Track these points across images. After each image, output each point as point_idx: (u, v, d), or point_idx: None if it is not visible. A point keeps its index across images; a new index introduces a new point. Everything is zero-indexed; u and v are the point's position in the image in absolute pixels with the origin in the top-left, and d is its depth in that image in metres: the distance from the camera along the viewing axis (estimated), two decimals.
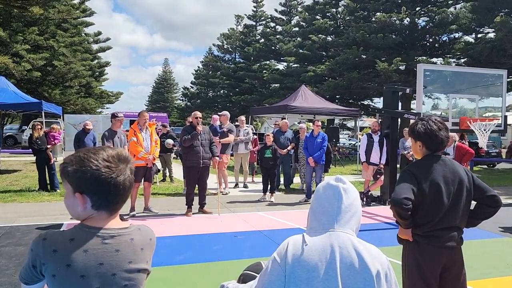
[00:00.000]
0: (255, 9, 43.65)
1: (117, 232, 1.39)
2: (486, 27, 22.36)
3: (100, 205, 1.37)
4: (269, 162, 9.35)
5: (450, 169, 2.67)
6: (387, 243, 5.86)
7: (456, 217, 2.66)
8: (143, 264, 1.44)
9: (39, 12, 21.99)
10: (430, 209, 2.62)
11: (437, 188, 2.61)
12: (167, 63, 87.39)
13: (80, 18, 30.70)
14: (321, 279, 1.44)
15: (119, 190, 1.37)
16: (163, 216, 7.69)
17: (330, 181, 1.61)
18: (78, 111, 28.30)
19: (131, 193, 1.43)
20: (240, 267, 4.99)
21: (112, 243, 1.37)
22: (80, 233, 1.35)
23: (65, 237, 1.33)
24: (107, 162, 1.35)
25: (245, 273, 1.98)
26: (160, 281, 4.47)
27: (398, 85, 10.20)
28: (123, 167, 1.38)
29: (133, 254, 1.40)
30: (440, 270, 2.66)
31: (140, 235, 1.46)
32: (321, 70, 26.98)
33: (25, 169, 14.39)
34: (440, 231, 2.64)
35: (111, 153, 1.39)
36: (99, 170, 1.33)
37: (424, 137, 2.67)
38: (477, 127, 8.18)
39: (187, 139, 7.60)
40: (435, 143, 2.67)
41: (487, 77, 9.32)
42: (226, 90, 44.37)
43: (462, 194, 2.66)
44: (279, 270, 1.48)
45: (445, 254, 2.64)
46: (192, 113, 8.07)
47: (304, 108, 15.25)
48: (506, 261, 5.45)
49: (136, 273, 1.41)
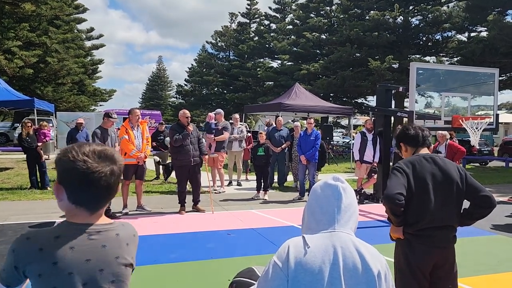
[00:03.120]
0: (249, 7, 43.58)
1: (103, 227, 1.39)
2: (478, 26, 22.50)
3: (76, 200, 1.34)
4: (262, 160, 9.36)
5: (440, 167, 2.69)
6: (380, 241, 5.88)
7: (447, 215, 2.67)
8: (129, 259, 1.44)
9: (31, 9, 21.82)
10: (418, 205, 2.63)
11: (423, 183, 2.63)
12: (161, 60, 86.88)
13: (73, 15, 30.47)
14: (325, 282, 1.40)
15: (91, 187, 1.32)
16: (156, 214, 7.66)
17: (328, 180, 1.57)
18: (71, 109, 28.10)
19: (112, 193, 1.39)
20: (233, 265, 5.01)
21: (98, 239, 1.36)
22: (66, 230, 1.34)
23: (50, 235, 1.31)
24: (85, 156, 1.32)
25: (238, 280, 1.91)
26: (153, 279, 4.46)
27: (391, 84, 10.24)
28: (101, 165, 1.34)
29: (119, 249, 1.41)
30: (432, 268, 2.67)
31: (124, 230, 1.47)
32: (315, 68, 27.00)
33: (17, 167, 14.27)
34: (431, 230, 2.65)
35: (95, 149, 1.36)
36: (74, 162, 1.31)
37: (404, 138, 2.94)
38: (469, 125, 8.24)
39: (178, 139, 7.52)
40: (416, 140, 2.88)
41: (480, 75, 9.38)
42: (220, 87, 44.28)
43: (452, 193, 2.66)
44: (281, 275, 1.42)
45: (436, 253, 2.65)
46: (181, 111, 7.96)
47: (298, 106, 15.27)
48: (498, 258, 5.49)
49: (123, 268, 1.41)
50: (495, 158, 20.48)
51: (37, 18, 26.28)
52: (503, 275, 4.84)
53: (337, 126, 35.30)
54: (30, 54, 24.03)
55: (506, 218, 8.04)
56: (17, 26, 24.60)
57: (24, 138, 9.75)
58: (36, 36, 25.77)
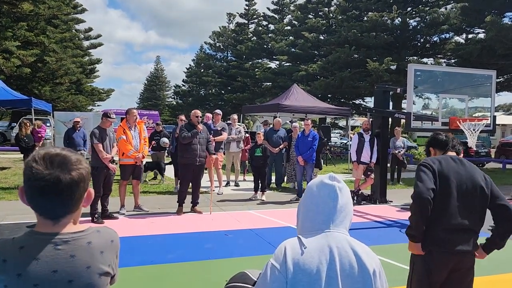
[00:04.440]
0: (247, 7, 43.60)
1: (71, 236, 1.30)
2: (476, 27, 22.57)
3: (33, 207, 1.28)
4: (260, 161, 9.36)
5: (467, 169, 2.70)
6: (377, 242, 5.90)
7: (468, 217, 2.63)
8: (105, 267, 1.34)
9: (29, 8, 21.77)
10: (440, 201, 2.60)
11: (447, 181, 2.63)
12: (159, 60, 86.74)
13: (71, 15, 30.42)
14: (323, 282, 1.41)
15: (40, 194, 1.25)
16: (153, 215, 7.65)
17: (324, 179, 1.55)
18: (68, 109, 28.02)
19: (71, 202, 1.30)
20: (230, 266, 5.00)
21: (65, 249, 1.28)
22: (30, 240, 1.27)
23: (14, 245, 1.26)
24: (34, 162, 1.26)
25: (233, 285, 1.89)
26: (150, 279, 4.46)
27: (389, 85, 10.26)
28: (47, 172, 1.25)
29: (91, 258, 1.31)
30: (448, 272, 2.64)
31: (99, 237, 1.37)
32: (313, 69, 27.04)
33: (14, 166, 14.24)
34: (451, 232, 2.60)
35: (50, 154, 1.28)
36: (26, 167, 1.27)
37: (433, 143, 3.13)
38: (467, 127, 8.26)
39: (187, 137, 7.53)
40: (440, 142, 3.07)
41: (477, 77, 9.40)
42: (218, 88, 44.29)
43: (476, 195, 2.64)
44: (280, 277, 1.42)
45: (454, 260, 2.61)
46: (192, 111, 7.99)
47: (296, 107, 15.28)
48: (495, 259, 5.50)
49: (97, 277, 1.32)
50: (492, 159, 20.55)
51: (35, 18, 26.21)
52: (502, 276, 4.86)
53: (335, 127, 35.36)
54: (28, 53, 23.96)
55: None
56: (15, 25, 24.53)
57: (22, 138, 9.72)
58: (34, 36, 25.71)
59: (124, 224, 6.92)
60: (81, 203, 1.35)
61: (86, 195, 1.37)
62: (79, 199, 1.32)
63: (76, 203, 1.32)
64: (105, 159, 6.89)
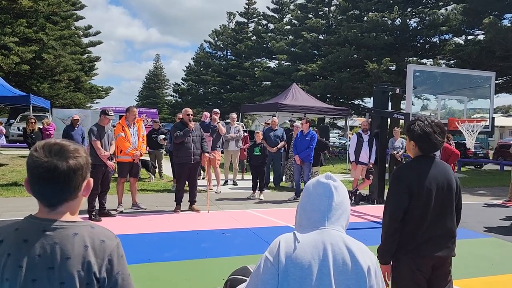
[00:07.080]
0: (247, 6, 43.57)
1: (61, 225, 1.31)
2: (476, 29, 22.60)
3: (34, 194, 1.34)
4: (258, 160, 9.36)
5: (441, 172, 2.63)
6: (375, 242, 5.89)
7: (447, 222, 2.62)
8: (87, 265, 1.29)
9: (28, 5, 21.72)
10: (418, 214, 2.56)
11: (428, 193, 2.55)
12: (158, 58, 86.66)
13: (71, 11, 30.35)
14: (314, 277, 1.44)
15: (38, 181, 1.30)
16: (151, 213, 7.65)
17: (320, 178, 1.60)
18: (67, 106, 27.93)
19: (68, 190, 1.32)
20: (228, 265, 5.00)
21: (52, 235, 1.29)
22: (25, 223, 1.33)
23: (11, 227, 1.33)
24: (35, 151, 1.32)
25: (232, 278, 1.93)
26: (147, 277, 4.45)
27: (388, 85, 10.27)
28: (46, 160, 1.29)
29: (72, 250, 1.28)
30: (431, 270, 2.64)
31: (89, 232, 1.34)
32: (312, 69, 27.04)
33: (12, 163, 14.19)
34: (433, 239, 2.58)
35: (49, 143, 1.34)
36: (29, 156, 1.34)
37: (418, 139, 2.62)
38: (465, 128, 8.26)
39: (179, 136, 7.55)
40: (428, 146, 2.62)
41: (476, 78, 9.41)
42: (217, 87, 44.26)
43: (452, 198, 2.63)
44: (272, 269, 1.46)
45: (436, 259, 2.61)
46: (183, 109, 7.98)
47: (295, 107, 15.29)
48: (491, 260, 5.52)
49: (75, 272, 1.28)
50: (490, 161, 20.58)
51: (34, 14, 26.17)
52: (497, 277, 4.87)
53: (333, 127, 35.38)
54: (27, 50, 23.92)
55: (500, 220, 8.08)
56: (14, 22, 24.49)
57: (29, 134, 9.75)
58: (33, 32, 25.65)
59: (121, 221, 6.91)
60: (79, 191, 1.37)
61: (86, 184, 1.39)
62: (76, 187, 1.35)
63: (73, 191, 1.35)
64: (103, 157, 6.89)
